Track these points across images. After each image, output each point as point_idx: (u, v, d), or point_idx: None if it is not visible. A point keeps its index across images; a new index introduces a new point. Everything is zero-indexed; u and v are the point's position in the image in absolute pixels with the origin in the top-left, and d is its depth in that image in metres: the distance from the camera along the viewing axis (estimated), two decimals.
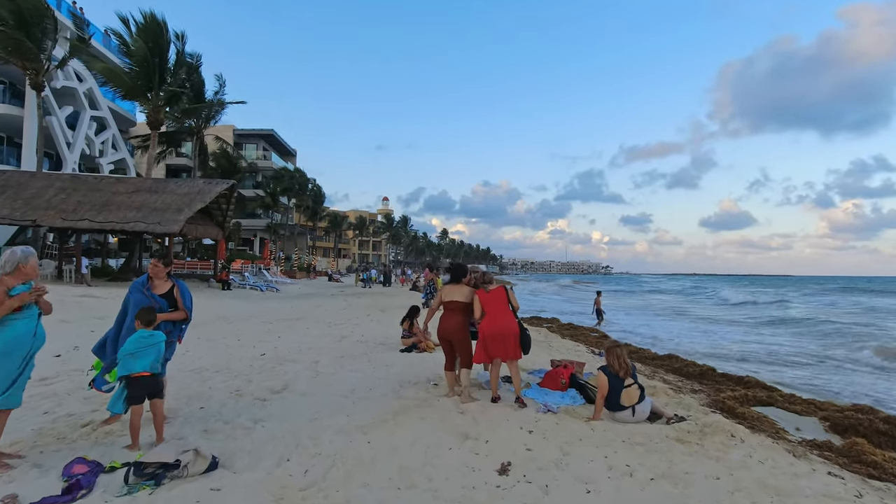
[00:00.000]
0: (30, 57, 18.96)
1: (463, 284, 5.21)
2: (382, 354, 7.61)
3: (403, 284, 35.82)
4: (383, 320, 12.41)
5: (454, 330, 5.05)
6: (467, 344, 5.07)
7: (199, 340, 8.67)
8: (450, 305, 5.14)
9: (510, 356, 4.88)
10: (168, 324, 4.02)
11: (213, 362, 6.68)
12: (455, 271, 5.27)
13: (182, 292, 4.11)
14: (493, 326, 4.86)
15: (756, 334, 17.17)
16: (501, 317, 4.90)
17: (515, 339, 4.86)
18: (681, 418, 4.69)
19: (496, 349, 4.86)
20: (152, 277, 4.02)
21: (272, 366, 6.56)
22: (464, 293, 5.11)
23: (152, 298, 3.93)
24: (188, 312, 4.14)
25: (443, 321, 5.17)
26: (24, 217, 16.95)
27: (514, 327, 4.88)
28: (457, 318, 5.06)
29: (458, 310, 5.08)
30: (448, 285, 5.27)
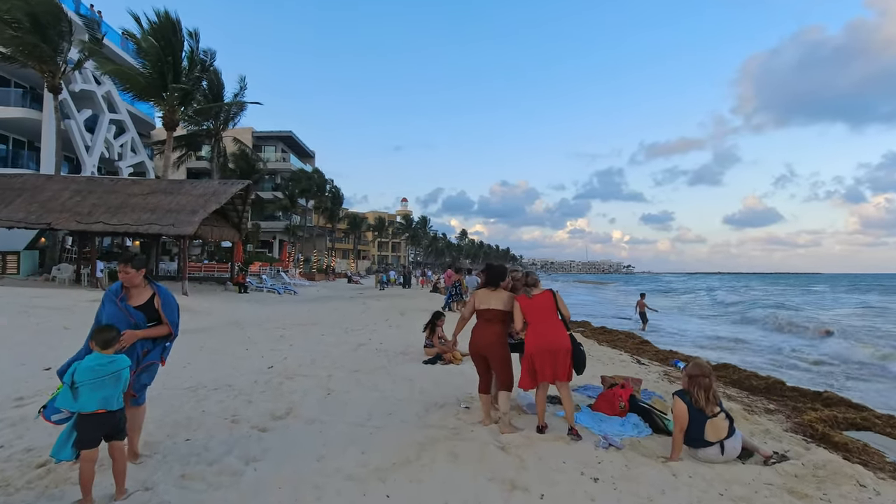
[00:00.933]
0: (46, 60, 18.79)
1: (501, 289, 4.32)
2: (403, 367, 6.75)
3: (424, 286, 35.04)
4: (403, 325, 11.58)
5: (490, 344, 4.17)
6: (506, 361, 4.18)
7: (203, 351, 7.97)
8: (485, 314, 4.26)
9: (560, 377, 3.97)
10: (147, 342, 3.23)
11: (213, 377, 5.92)
12: (491, 273, 4.37)
13: (165, 302, 3.32)
14: (538, 341, 3.97)
15: (808, 340, 15.80)
16: (549, 328, 4.00)
17: (566, 356, 3.95)
18: (782, 456, 3.70)
19: (543, 369, 3.95)
20: (125, 286, 3.23)
21: (279, 381, 5.76)
22: (502, 299, 4.23)
23: (126, 311, 3.14)
24: (173, 327, 3.34)
25: (476, 333, 4.29)
26: (40, 220, 16.68)
27: (565, 341, 3.98)
28: (493, 330, 4.19)
29: (494, 319, 4.21)
30: (482, 290, 4.39)
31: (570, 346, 3.97)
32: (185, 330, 10.56)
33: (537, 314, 4.07)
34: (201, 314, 13.60)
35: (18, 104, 22.21)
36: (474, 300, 4.39)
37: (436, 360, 7.05)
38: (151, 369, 3.31)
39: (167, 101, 20.29)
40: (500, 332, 4.21)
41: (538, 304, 4.10)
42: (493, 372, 4.25)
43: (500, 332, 4.21)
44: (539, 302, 4.11)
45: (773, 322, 19.57)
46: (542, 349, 3.93)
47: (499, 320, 4.22)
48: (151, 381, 3.34)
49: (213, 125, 27.56)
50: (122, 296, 3.20)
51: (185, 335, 10.09)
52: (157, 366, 3.36)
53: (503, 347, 4.20)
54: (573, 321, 17.07)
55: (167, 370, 6.37)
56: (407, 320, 12.64)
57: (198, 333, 10.15)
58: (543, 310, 4.06)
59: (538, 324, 4.03)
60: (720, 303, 35.53)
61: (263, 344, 8.71)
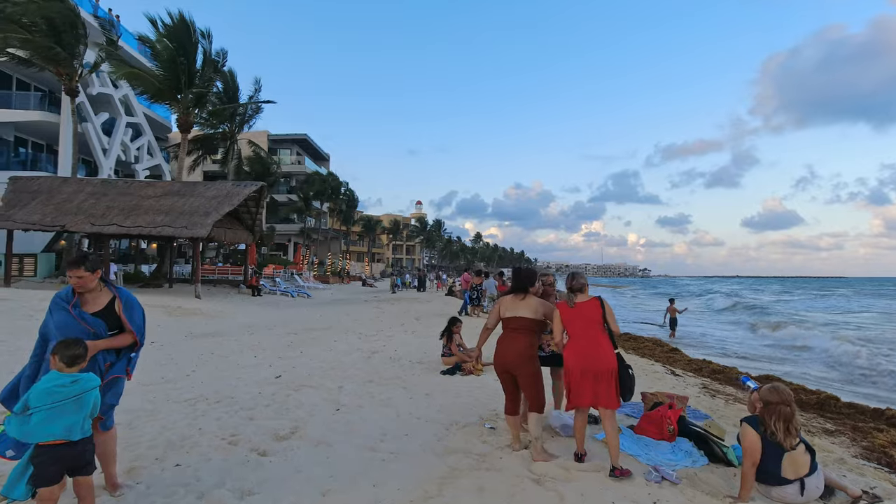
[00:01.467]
0: (62, 63, 18.82)
1: (530, 295, 3.79)
2: (420, 377, 6.25)
3: (440, 289, 34.56)
4: (419, 331, 11.09)
5: (517, 358, 3.64)
6: (536, 378, 3.65)
7: (211, 357, 7.58)
8: (511, 323, 3.73)
9: (603, 403, 3.35)
10: (110, 354, 2.77)
11: (215, 389, 5.49)
12: (519, 278, 3.83)
13: (128, 306, 2.82)
14: (578, 359, 3.39)
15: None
16: (591, 344, 3.39)
17: (611, 379, 3.34)
18: (874, 496, 3.11)
19: (583, 391, 3.37)
20: (79, 291, 2.76)
21: (286, 394, 5.31)
22: (531, 307, 3.70)
23: (82, 320, 2.69)
24: (138, 334, 2.86)
25: (501, 346, 3.76)
26: (55, 223, 16.63)
27: (610, 361, 3.36)
28: (520, 342, 3.65)
29: (522, 330, 3.68)
30: (508, 297, 3.86)
31: (615, 366, 3.35)
32: (195, 334, 10.29)
33: (579, 326, 3.46)
34: (213, 318, 13.31)
35: (37, 107, 22.36)
36: (499, 308, 3.87)
37: (454, 370, 6.53)
38: (117, 386, 2.82)
39: (182, 103, 20.19)
40: (528, 344, 3.66)
41: (581, 314, 3.48)
42: (522, 390, 3.72)
43: (528, 345, 3.66)
44: (582, 312, 3.48)
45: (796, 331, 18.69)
46: (582, 369, 3.36)
47: (527, 330, 3.68)
48: (118, 400, 2.86)
49: (229, 128, 27.51)
50: (75, 302, 2.71)
51: (194, 340, 9.80)
52: (123, 381, 2.86)
53: (532, 362, 3.66)
54: None
55: (170, 379, 6.00)
56: (423, 326, 12.15)
57: (207, 338, 9.81)
58: (587, 321, 3.45)
59: (579, 338, 3.44)
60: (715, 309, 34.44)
61: (273, 350, 8.30)
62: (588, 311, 3.49)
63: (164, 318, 12.10)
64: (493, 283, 14.37)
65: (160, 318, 11.90)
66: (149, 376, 6.10)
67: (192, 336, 10.08)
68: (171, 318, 12.31)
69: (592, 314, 3.48)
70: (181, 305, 13.98)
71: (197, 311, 13.79)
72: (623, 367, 3.42)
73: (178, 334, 10.17)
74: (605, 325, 3.46)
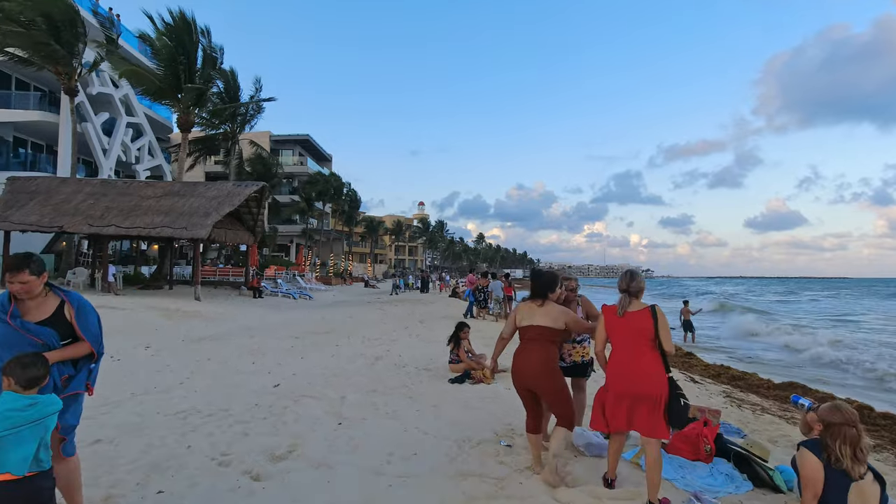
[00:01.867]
0: (61, 61, 18.56)
1: (550, 302, 3.40)
2: (427, 386, 5.89)
3: (442, 291, 34.21)
4: (423, 335, 10.73)
5: (537, 373, 3.25)
6: (561, 392, 3.26)
7: (207, 363, 7.24)
8: (528, 333, 3.35)
9: (645, 431, 2.88)
10: (67, 366, 2.36)
11: (209, 399, 5.14)
12: (538, 282, 3.44)
13: (81, 313, 2.40)
14: (618, 378, 2.97)
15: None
16: (636, 362, 2.93)
17: (657, 404, 2.85)
18: None
19: (617, 415, 2.96)
20: (17, 298, 2.32)
21: (284, 405, 4.95)
22: (550, 316, 3.31)
23: (25, 331, 2.30)
24: (94, 343, 2.46)
25: (519, 359, 3.38)
26: (52, 223, 16.34)
27: (658, 385, 2.87)
28: (540, 354, 3.26)
29: (540, 340, 3.29)
30: (526, 303, 3.49)
31: (665, 391, 2.86)
32: (193, 338, 9.95)
33: (624, 340, 2.97)
34: (213, 320, 12.99)
35: (36, 107, 22.11)
36: (515, 316, 3.50)
37: (463, 378, 6.16)
38: (77, 403, 2.42)
39: (182, 102, 19.90)
40: (548, 356, 3.27)
41: (630, 325, 2.97)
42: (548, 407, 3.35)
43: (548, 357, 3.27)
44: (631, 322, 2.96)
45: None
46: (619, 393, 2.92)
47: (547, 341, 3.30)
48: (78, 420, 2.47)
49: (230, 128, 27.24)
50: (13, 310, 2.30)
51: (192, 344, 9.46)
52: (83, 398, 2.49)
53: (553, 376, 3.27)
54: None
55: (163, 388, 5.65)
56: (427, 329, 11.80)
57: (206, 342, 9.47)
58: (634, 335, 2.93)
59: (622, 354, 2.97)
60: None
61: (272, 355, 7.95)
62: (637, 323, 2.95)
63: (162, 321, 11.78)
64: (499, 284, 14.01)
65: (158, 322, 11.59)
66: (141, 385, 5.76)
67: (190, 340, 9.75)
68: (169, 321, 11.99)
69: (642, 326, 2.94)
70: (180, 308, 13.66)
71: (196, 313, 13.47)
72: (674, 393, 2.90)
73: (175, 338, 9.84)
74: (656, 341, 2.95)
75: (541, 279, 3.47)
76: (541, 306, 3.38)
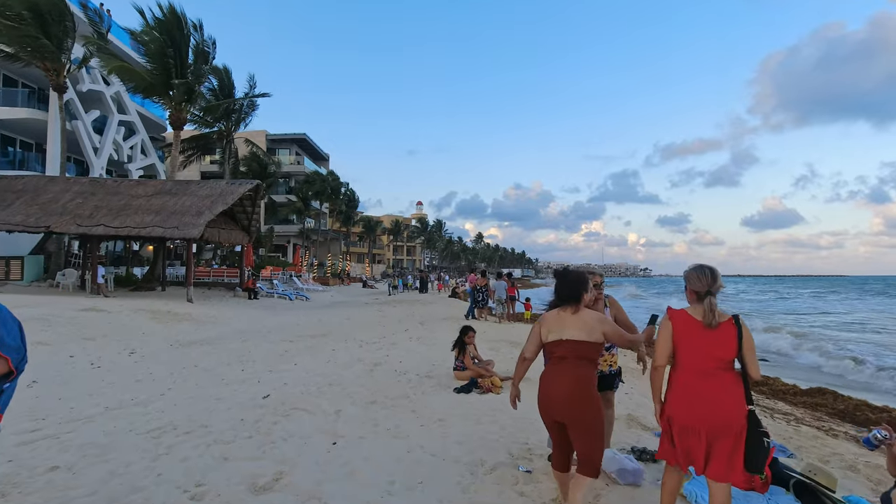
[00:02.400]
0: (48, 56, 18.01)
1: (583, 308, 2.78)
2: (431, 397, 5.38)
3: (441, 290, 33.71)
4: (424, 337, 10.23)
5: (570, 400, 2.59)
6: (595, 429, 2.58)
7: (193, 371, 6.72)
8: (557, 350, 2.71)
9: (721, 476, 2.30)
10: None
11: (190, 414, 4.63)
12: (566, 284, 2.81)
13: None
14: (686, 407, 2.35)
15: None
16: (710, 388, 2.32)
17: (735, 441, 2.29)
18: None
19: (680, 451, 2.38)
20: None
21: (273, 420, 4.44)
22: (586, 325, 2.68)
23: None
24: (13, 359, 1.93)
25: (546, 383, 2.74)
26: (39, 223, 15.77)
27: (736, 417, 2.29)
28: (575, 376, 2.62)
29: (573, 358, 2.66)
30: (552, 312, 2.84)
31: (743, 425, 2.28)
32: (182, 342, 9.41)
33: (700, 358, 2.35)
34: (204, 323, 12.47)
35: (24, 105, 21.53)
36: (539, 329, 2.85)
37: (469, 386, 5.66)
38: None
39: (174, 99, 19.35)
40: (584, 378, 2.62)
41: (710, 340, 2.34)
42: (573, 442, 2.69)
43: (584, 379, 2.62)
44: (712, 337, 2.33)
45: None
46: (687, 426, 2.33)
47: (582, 360, 2.65)
48: None
49: (225, 126, 26.70)
50: None
51: (180, 349, 8.94)
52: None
53: (591, 406, 2.59)
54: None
55: (141, 400, 5.12)
56: (427, 331, 11.30)
57: (194, 347, 8.96)
58: (715, 353, 2.32)
59: (694, 376, 2.36)
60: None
61: (264, 362, 7.44)
62: (719, 338, 2.32)
63: (151, 324, 11.25)
64: (502, 284, 13.50)
65: (146, 325, 11.05)
66: (117, 397, 5.25)
67: (179, 345, 9.24)
68: (158, 324, 11.45)
69: (723, 342, 2.31)
70: (171, 310, 13.12)
71: (187, 316, 12.93)
72: (754, 428, 2.30)
73: (163, 343, 9.32)
74: (741, 360, 2.35)
75: (569, 280, 2.84)
76: (574, 313, 2.74)
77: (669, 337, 2.44)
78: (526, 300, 15.03)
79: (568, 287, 2.82)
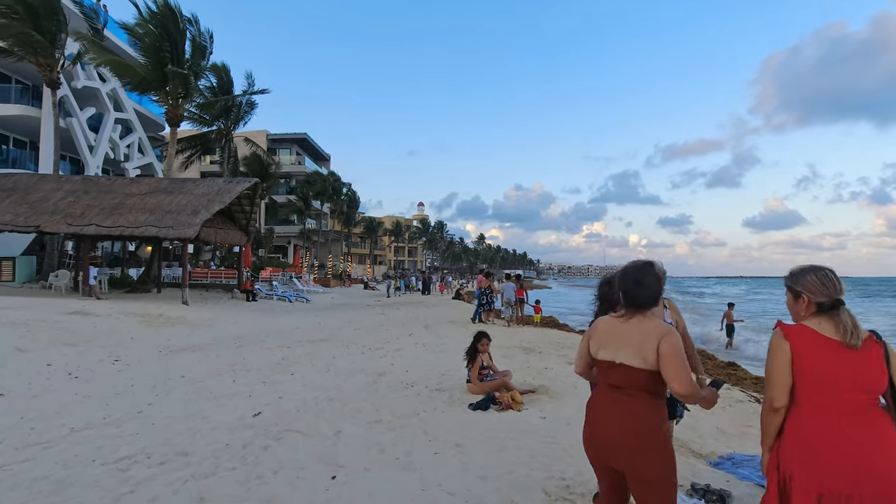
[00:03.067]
0: (42, 51, 17.45)
1: (646, 316, 2.01)
2: (444, 415, 4.76)
3: (443, 292, 33.09)
4: (431, 343, 9.61)
5: (628, 445, 1.92)
6: (665, 482, 1.91)
7: (180, 382, 6.11)
8: (612, 375, 2.02)
9: None
10: None
11: (167, 436, 4.01)
12: (630, 282, 2.06)
13: None
14: (832, 461, 1.67)
15: None
16: (860, 429, 1.67)
17: None
18: None
19: None
20: None
21: (263, 445, 3.83)
22: (648, 344, 1.92)
23: None
24: None
25: (595, 416, 2.07)
26: (28, 223, 15.19)
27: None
28: (631, 413, 1.95)
29: (632, 390, 1.97)
30: (606, 319, 2.15)
31: None
32: (172, 349, 8.74)
33: (840, 390, 1.71)
34: (198, 327, 11.87)
35: (17, 101, 20.98)
36: (587, 343, 2.15)
37: (487, 402, 5.04)
38: None
39: (170, 94, 18.78)
40: (646, 415, 1.93)
41: (852, 367, 1.71)
42: (634, 496, 2.01)
43: (646, 417, 1.92)
44: (856, 363, 1.71)
45: None
46: (838, 491, 1.64)
47: (642, 390, 1.95)
48: None
49: (224, 125, 26.17)
50: None
51: (169, 356, 8.30)
52: None
53: (658, 453, 1.90)
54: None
55: (114, 419, 4.47)
56: (433, 336, 10.68)
57: (185, 354, 8.35)
58: (860, 380, 1.70)
59: (832, 414, 1.72)
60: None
61: (258, 371, 6.83)
62: (863, 361, 1.71)
63: (141, 328, 10.65)
64: (511, 286, 12.88)
65: (136, 329, 10.45)
66: (88, 415, 4.64)
67: (169, 351, 8.63)
68: (149, 328, 10.86)
69: (871, 368, 1.70)
70: (164, 313, 12.52)
71: (181, 319, 12.34)
72: None
73: (151, 349, 8.71)
74: (889, 397, 1.73)
75: (632, 276, 2.04)
76: (638, 321, 1.98)
77: (789, 364, 1.78)
78: (536, 302, 14.41)
79: (633, 289, 2.02)
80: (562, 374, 6.69)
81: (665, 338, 1.90)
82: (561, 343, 10.11)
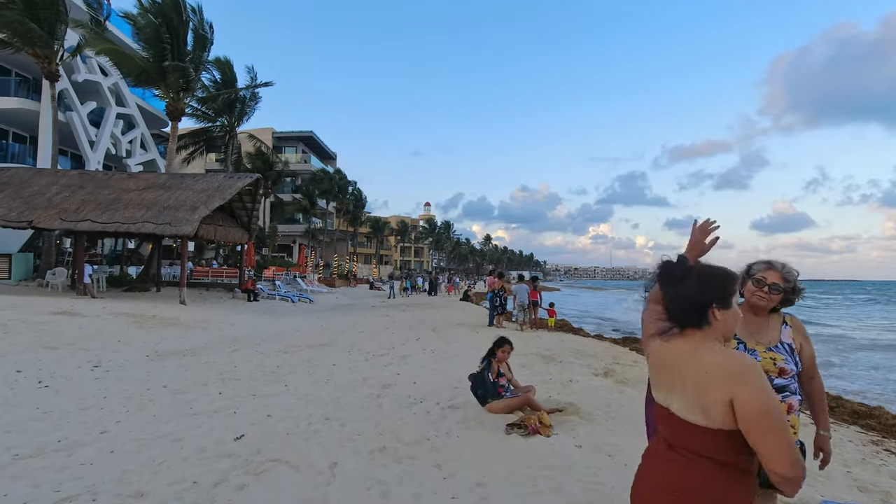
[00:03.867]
0: (40, 43, 16.91)
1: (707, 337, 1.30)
2: (460, 441, 4.00)
3: (451, 293, 32.35)
4: (439, 348, 8.86)
5: None
6: None
7: (162, 394, 5.41)
8: (663, 424, 1.34)
9: None
10: None
11: (125, 469, 3.30)
12: (680, 279, 1.35)
13: None
14: None
15: None
16: None
17: None
18: None
19: None
20: None
21: (240, 482, 3.11)
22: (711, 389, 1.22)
23: None
24: None
25: (647, 475, 1.36)
26: (21, 218, 14.63)
27: None
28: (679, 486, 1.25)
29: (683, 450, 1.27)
30: (660, 345, 1.38)
31: None
32: (161, 353, 7.93)
33: None
34: (192, 329, 11.20)
35: (15, 94, 20.48)
36: (651, 369, 1.44)
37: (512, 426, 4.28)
38: None
39: (170, 87, 18.18)
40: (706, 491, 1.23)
41: None
42: None
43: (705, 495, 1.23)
44: None
45: None
46: None
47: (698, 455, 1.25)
48: None
49: (228, 120, 25.59)
50: None
51: (156, 362, 7.53)
52: None
53: None
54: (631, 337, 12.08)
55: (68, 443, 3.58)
56: (442, 341, 9.94)
57: (173, 359, 7.66)
58: None
59: None
60: None
61: (248, 381, 6.11)
62: None
63: (132, 330, 9.99)
64: (524, 288, 12.10)
65: (125, 331, 9.79)
66: (42, 436, 3.94)
67: (157, 356, 7.95)
68: (140, 329, 10.20)
69: None
70: (158, 314, 11.88)
71: (175, 320, 11.68)
72: None
73: (138, 353, 8.03)
74: None
75: (674, 274, 1.38)
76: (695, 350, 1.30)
77: None
78: (550, 305, 13.62)
79: (682, 286, 1.34)
80: (589, 389, 5.94)
81: (741, 384, 1.19)
82: (580, 350, 9.32)
